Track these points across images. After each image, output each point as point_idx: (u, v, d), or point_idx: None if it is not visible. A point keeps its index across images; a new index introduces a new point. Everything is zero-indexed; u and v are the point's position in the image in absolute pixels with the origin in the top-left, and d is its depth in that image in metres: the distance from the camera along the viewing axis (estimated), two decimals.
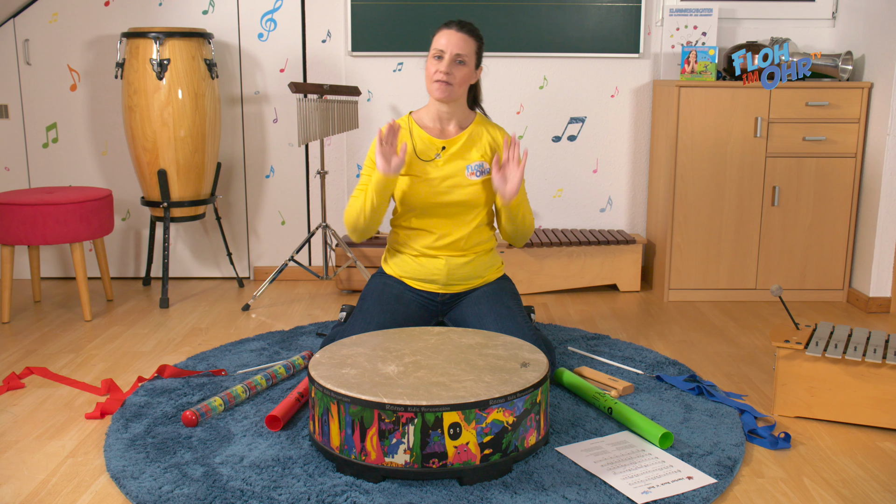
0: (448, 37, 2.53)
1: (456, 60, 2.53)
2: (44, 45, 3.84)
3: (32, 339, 3.14)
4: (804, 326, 2.52)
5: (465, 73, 2.55)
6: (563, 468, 2.04)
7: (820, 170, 3.57)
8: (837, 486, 2.01)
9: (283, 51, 3.86)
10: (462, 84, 2.56)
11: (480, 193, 2.62)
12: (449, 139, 2.63)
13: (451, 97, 2.56)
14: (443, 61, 2.52)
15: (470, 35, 2.56)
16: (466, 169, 2.61)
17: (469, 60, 2.55)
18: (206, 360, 2.85)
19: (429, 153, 2.62)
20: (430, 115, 2.66)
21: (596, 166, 4.01)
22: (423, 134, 2.64)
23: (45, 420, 2.38)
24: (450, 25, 2.56)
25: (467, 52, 2.54)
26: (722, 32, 3.84)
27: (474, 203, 2.62)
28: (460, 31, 2.54)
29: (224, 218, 4.02)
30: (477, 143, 2.64)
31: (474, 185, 2.61)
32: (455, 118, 2.65)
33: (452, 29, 2.54)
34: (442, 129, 2.65)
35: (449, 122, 2.65)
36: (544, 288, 3.79)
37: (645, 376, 2.69)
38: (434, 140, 2.63)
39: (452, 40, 2.52)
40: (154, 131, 3.50)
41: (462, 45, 2.53)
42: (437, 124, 2.65)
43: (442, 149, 2.62)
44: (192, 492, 1.92)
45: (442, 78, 2.52)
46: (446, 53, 2.52)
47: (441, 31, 2.56)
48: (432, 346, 2.29)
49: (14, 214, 3.24)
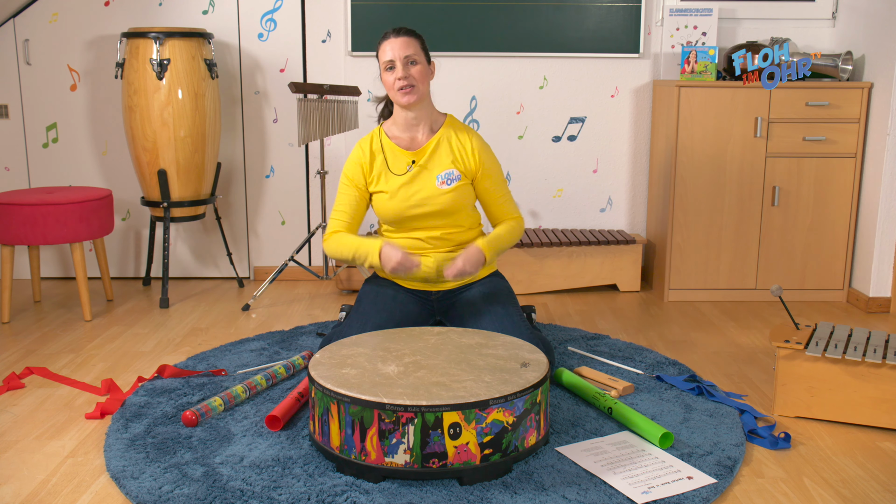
0: (391, 45, 2.54)
1: (407, 62, 2.54)
2: (44, 45, 3.84)
3: (32, 339, 3.14)
4: (804, 326, 2.52)
5: (421, 71, 2.56)
6: (563, 468, 2.04)
7: (820, 170, 3.57)
8: (837, 486, 2.01)
9: (283, 51, 3.86)
10: (422, 81, 2.57)
11: (454, 200, 2.61)
12: (418, 150, 2.63)
13: (419, 98, 2.56)
14: (396, 69, 2.53)
15: (409, 35, 2.57)
16: (436, 179, 2.60)
17: (419, 58, 2.56)
18: (206, 360, 2.85)
19: (400, 167, 2.62)
20: (399, 125, 2.65)
21: (596, 166, 4.01)
22: (393, 147, 2.64)
23: (45, 420, 2.38)
24: (387, 35, 2.57)
25: (414, 50, 2.55)
26: (722, 32, 3.84)
27: (450, 211, 2.62)
28: (398, 35, 2.55)
29: (224, 218, 4.02)
30: (445, 148, 2.63)
31: (446, 195, 2.60)
32: (424, 122, 2.64)
33: (390, 37, 2.56)
34: (412, 138, 2.65)
35: (418, 128, 2.64)
36: (544, 288, 3.80)
37: (645, 376, 2.69)
38: (404, 153, 2.62)
39: (396, 45, 2.53)
40: (154, 131, 3.50)
41: (407, 47, 2.54)
42: (407, 133, 2.65)
43: (412, 162, 2.62)
44: (192, 492, 1.92)
45: (403, 84, 2.53)
46: (396, 60, 2.53)
47: (382, 43, 2.57)
48: (432, 346, 2.29)
49: (14, 214, 3.24)
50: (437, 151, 2.63)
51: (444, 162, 2.62)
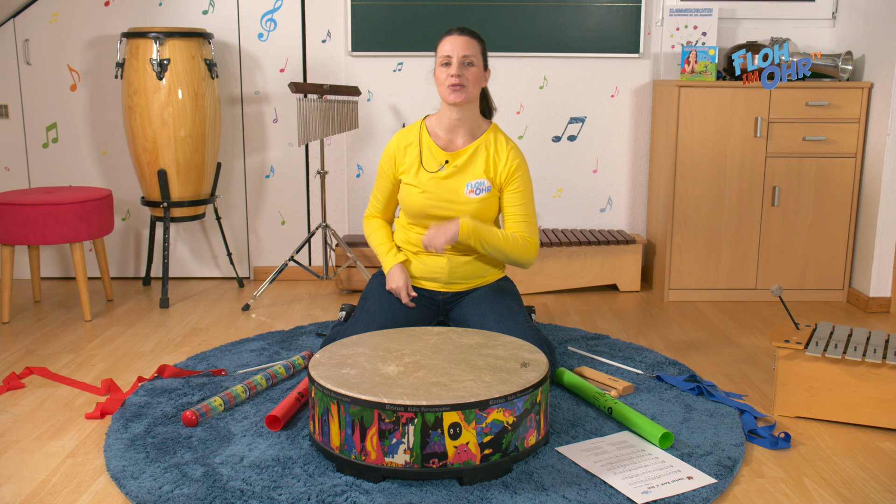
0: (452, 42, 2.54)
1: (464, 62, 2.53)
2: (44, 45, 3.84)
3: (32, 339, 3.14)
4: (804, 326, 2.52)
5: (476, 74, 2.56)
6: (563, 468, 2.04)
7: (820, 170, 3.57)
8: (837, 486, 2.01)
9: (283, 51, 3.86)
10: (475, 84, 2.56)
11: (478, 211, 2.60)
12: (454, 152, 2.62)
13: (466, 99, 2.55)
14: (451, 66, 2.52)
15: (472, 37, 2.57)
16: (466, 186, 2.60)
17: (477, 61, 2.56)
18: (206, 360, 2.85)
19: (433, 164, 2.61)
20: (442, 124, 2.65)
21: (596, 166, 4.01)
22: (430, 143, 2.63)
23: (45, 420, 2.38)
24: (451, 32, 2.57)
25: (473, 52, 2.54)
26: (722, 32, 3.84)
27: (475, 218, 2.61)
28: (462, 34, 2.55)
29: (224, 218, 4.02)
30: (482, 156, 2.62)
31: (472, 204, 2.59)
32: (466, 126, 2.63)
33: (454, 34, 2.55)
34: (451, 140, 2.64)
35: (459, 132, 2.63)
36: (544, 288, 3.80)
37: (645, 376, 2.69)
38: (440, 151, 2.62)
39: (457, 44, 2.53)
40: (154, 131, 3.50)
41: (467, 47, 2.53)
42: (447, 134, 2.64)
43: (445, 162, 2.61)
44: (192, 492, 1.92)
45: (454, 81, 2.51)
46: (454, 57, 2.52)
47: (443, 38, 2.57)
48: (432, 346, 2.29)
49: (14, 214, 3.25)
50: (473, 157, 2.61)
51: (477, 170, 2.61)
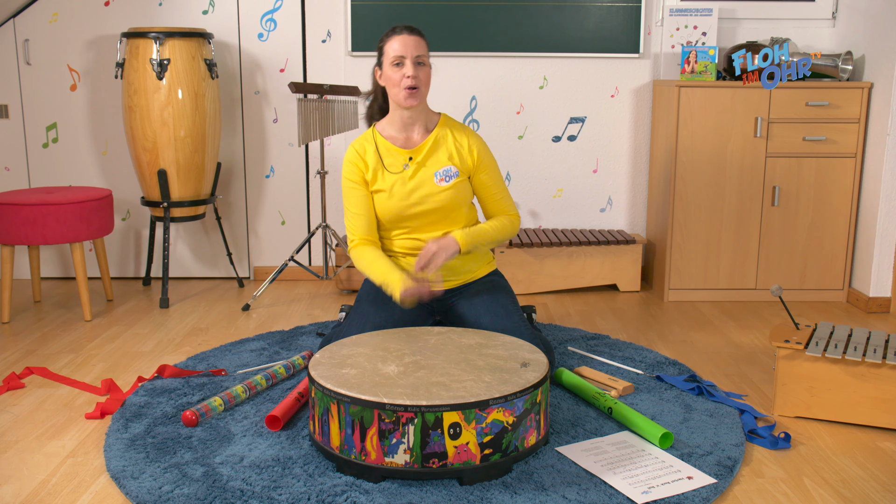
0: (403, 41, 2.51)
1: (417, 62, 2.52)
2: (44, 45, 3.84)
3: (32, 339, 3.14)
4: (804, 326, 2.52)
5: (427, 73, 2.55)
6: (563, 468, 2.04)
7: (820, 170, 3.57)
8: (837, 486, 2.01)
9: (283, 51, 3.86)
10: (427, 84, 2.56)
11: (453, 197, 2.60)
12: (415, 148, 2.61)
13: (420, 101, 2.55)
14: (405, 66, 2.50)
15: (421, 36, 2.55)
16: (435, 176, 2.59)
17: (427, 60, 2.55)
18: (206, 360, 2.85)
19: (396, 165, 2.60)
20: (395, 125, 2.63)
21: (596, 166, 4.01)
22: (388, 146, 2.62)
23: (45, 420, 2.38)
24: (400, 31, 2.54)
25: (424, 51, 2.54)
26: (722, 32, 3.84)
27: (450, 208, 2.61)
28: (412, 34, 2.53)
29: (224, 218, 4.02)
30: (443, 147, 2.62)
31: (445, 191, 2.59)
32: (419, 122, 2.62)
33: (404, 33, 2.53)
34: (407, 138, 2.63)
35: (413, 128, 2.63)
36: (544, 288, 3.79)
37: (645, 376, 2.69)
38: (400, 151, 2.61)
39: (409, 43, 2.51)
40: (154, 131, 3.50)
41: (418, 47, 2.52)
42: (402, 133, 2.63)
43: (409, 159, 2.60)
44: (192, 492, 1.92)
45: (410, 83, 2.50)
46: (407, 58, 2.50)
47: (392, 37, 2.53)
48: (432, 346, 2.29)
49: (14, 214, 3.24)
50: (434, 149, 2.62)
51: (441, 159, 2.61)
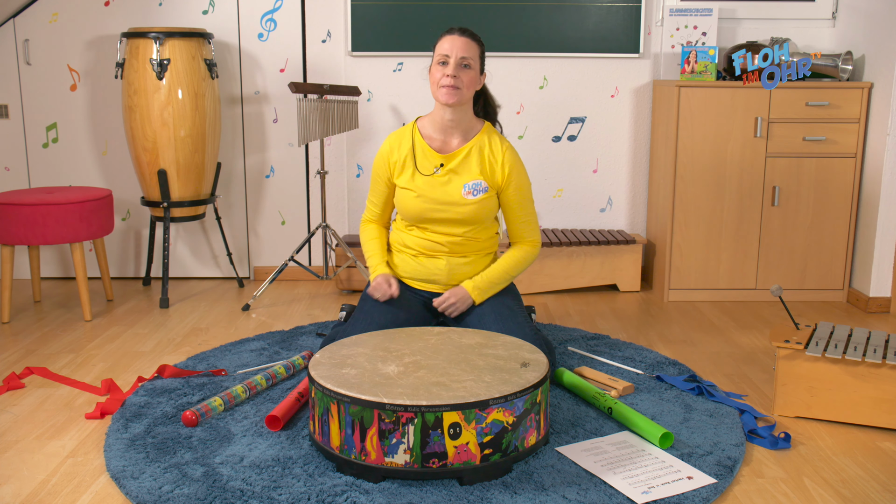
0: (451, 41, 2.52)
1: (461, 64, 2.51)
2: (44, 45, 3.84)
3: (32, 339, 3.14)
4: (804, 326, 2.52)
5: (472, 77, 2.54)
6: (563, 468, 2.04)
7: (820, 170, 3.57)
8: (837, 486, 2.01)
9: (283, 51, 3.86)
10: (469, 87, 2.54)
11: (477, 213, 2.60)
12: (448, 154, 2.60)
13: (459, 101, 2.53)
14: (448, 66, 2.50)
15: (472, 39, 2.55)
16: (463, 188, 2.58)
17: (474, 64, 2.54)
18: (206, 360, 2.85)
19: (428, 167, 2.60)
20: (435, 125, 2.62)
21: (596, 166, 4.01)
22: (424, 146, 2.61)
23: (45, 420, 2.38)
24: (451, 31, 2.55)
25: (472, 55, 2.53)
26: (722, 32, 3.84)
27: (471, 221, 2.61)
28: (462, 35, 2.54)
29: (224, 218, 4.02)
30: (477, 157, 2.61)
31: (470, 206, 2.58)
32: (460, 127, 2.61)
33: (455, 34, 2.54)
34: (444, 141, 2.62)
35: (453, 133, 2.61)
36: (544, 288, 3.80)
37: (645, 376, 2.69)
38: (434, 154, 2.60)
39: (456, 44, 2.51)
40: (154, 131, 3.50)
41: (466, 49, 2.51)
42: (441, 135, 2.62)
43: (440, 165, 2.60)
44: (192, 492, 1.92)
45: (449, 83, 2.49)
46: (451, 57, 2.50)
47: (443, 37, 2.55)
48: (432, 346, 2.29)
49: (14, 214, 3.24)
50: (467, 159, 2.60)
51: (473, 171, 2.59)
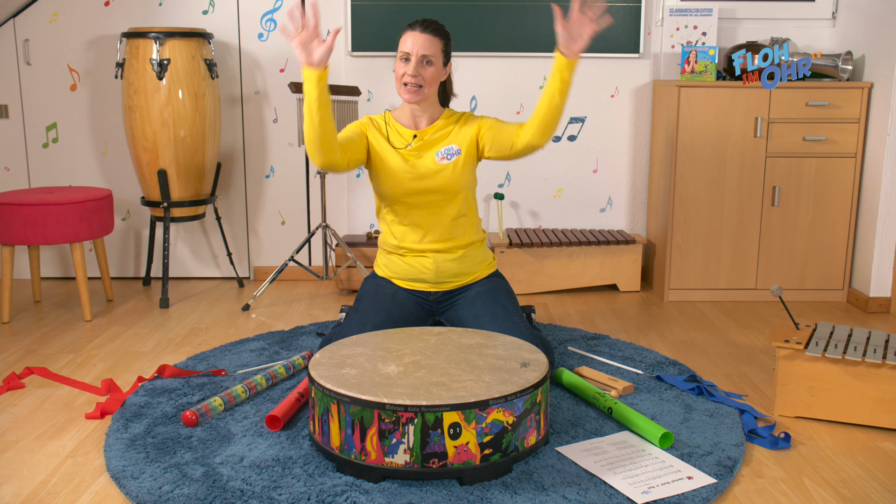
0: (413, 38, 2.52)
1: (423, 62, 2.52)
2: (44, 45, 3.84)
3: (32, 339, 3.14)
4: (804, 326, 2.52)
5: (433, 73, 2.55)
6: (563, 468, 2.04)
7: (820, 170, 3.57)
8: (837, 486, 2.01)
9: (283, 51, 3.86)
10: (431, 84, 2.56)
11: (453, 176, 2.61)
12: (421, 130, 2.65)
13: (421, 99, 2.56)
14: (410, 64, 2.52)
15: (434, 34, 2.54)
16: (436, 155, 2.62)
17: (436, 60, 2.55)
18: (206, 360, 2.85)
19: (400, 142, 2.64)
20: (405, 113, 2.67)
21: (596, 166, 4.01)
22: (396, 125, 2.67)
23: (45, 420, 2.38)
24: (414, 27, 2.54)
25: (433, 51, 2.53)
26: (722, 32, 3.84)
27: (449, 188, 2.62)
28: (424, 31, 2.53)
29: (224, 218, 4.02)
30: (447, 129, 2.65)
31: (445, 170, 2.60)
32: (427, 114, 2.66)
33: (416, 30, 2.53)
34: (415, 125, 2.67)
35: (421, 119, 2.66)
36: (544, 288, 3.79)
37: (645, 376, 2.69)
38: (407, 130, 2.65)
39: (418, 42, 2.51)
40: (154, 131, 3.50)
41: (427, 46, 2.52)
42: (411, 121, 2.67)
43: (413, 137, 2.63)
44: (192, 492, 1.92)
45: (410, 81, 2.52)
46: (412, 55, 2.51)
47: (406, 33, 2.55)
48: (432, 346, 2.29)
49: (14, 214, 3.24)
50: (438, 131, 2.64)
51: (445, 141, 2.64)
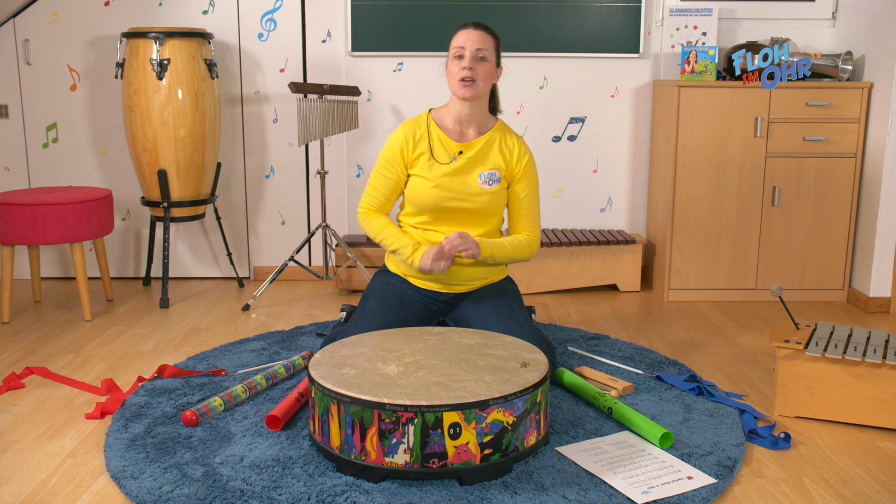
0: (467, 35, 2.52)
1: (477, 56, 2.51)
2: (44, 45, 3.84)
3: (32, 339, 3.14)
4: (804, 326, 2.52)
5: (488, 70, 2.54)
6: (563, 468, 2.04)
7: (820, 170, 3.57)
8: (837, 486, 2.01)
9: (283, 51, 3.86)
10: (486, 80, 2.54)
11: (491, 203, 2.59)
12: (466, 143, 2.60)
13: (476, 95, 2.53)
14: (464, 59, 2.50)
15: (487, 32, 2.55)
16: (479, 177, 2.58)
17: (490, 56, 2.54)
18: (206, 360, 2.85)
19: (444, 156, 2.59)
20: (451, 117, 2.62)
21: (596, 166, 4.01)
22: (440, 135, 2.60)
23: (45, 420, 2.38)
24: (466, 25, 2.55)
25: (487, 47, 2.53)
26: (722, 32, 3.84)
27: (484, 212, 2.60)
28: (477, 28, 2.54)
29: (224, 218, 4.02)
30: (494, 149, 2.61)
31: (485, 195, 2.58)
32: (475, 121, 2.61)
33: (470, 28, 2.54)
34: (461, 133, 2.62)
35: (469, 125, 2.61)
36: (544, 288, 3.79)
37: (645, 376, 2.69)
38: (451, 143, 2.59)
39: (471, 37, 2.51)
40: (154, 131, 3.50)
41: (481, 41, 2.52)
42: (457, 126, 2.62)
43: (459, 153, 2.59)
44: (192, 492, 1.92)
45: (466, 75, 2.49)
46: (467, 50, 2.50)
47: (458, 31, 2.55)
48: (432, 346, 2.29)
49: (14, 214, 3.24)
50: (485, 149, 2.60)
51: (489, 162, 2.60)
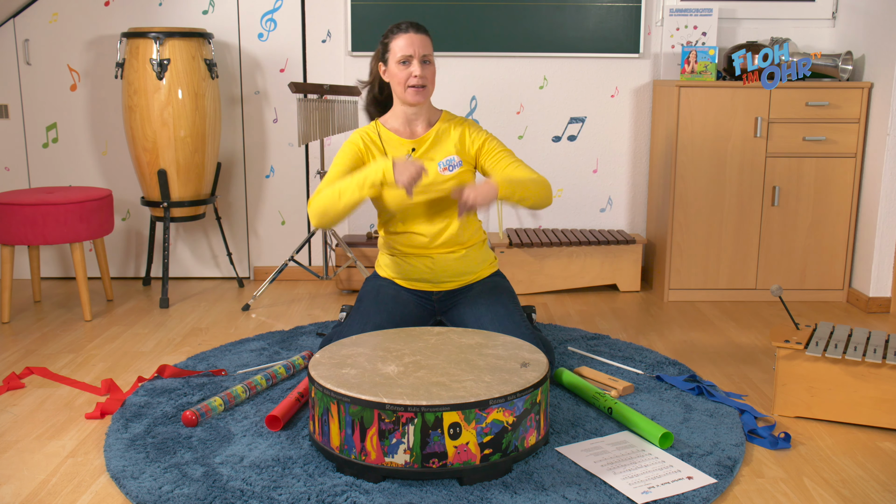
0: (409, 40, 2.51)
1: (423, 61, 2.53)
2: (44, 45, 3.84)
3: (32, 339, 3.14)
4: (804, 326, 2.52)
5: (433, 71, 2.56)
6: (563, 468, 2.04)
7: (820, 170, 3.57)
8: (837, 486, 2.01)
9: (283, 51, 3.86)
10: (433, 82, 2.57)
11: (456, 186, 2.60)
12: (418, 139, 2.63)
13: (426, 98, 2.57)
14: (413, 65, 2.51)
15: (426, 34, 2.56)
16: (438, 166, 2.60)
17: (432, 58, 2.56)
18: (206, 360, 2.85)
19: (399, 155, 2.61)
20: (399, 119, 2.64)
21: (596, 166, 4.01)
22: (391, 136, 2.62)
23: (45, 420, 2.38)
24: (406, 29, 2.54)
25: (430, 50, 2.55)
26: (722, 32, 3.84)
27: (452, 199, 2.60)
28: (418, 32, 2.54)
29: (224, 218, 4.02)
30: (446, 138, 2.63)
31: (451, 180, 2.59)
32: (422, 117, 2.64)
33: (411, 32, 2.53)
34: (411, 132, 2.64)
35: (417, 123, 2.64)
36: (544, 288, 3.80)
37: (645, 376, 2.69)
38: (403, 141, 2.62)
39: (416, 42, 2.52)
40: (154, 131, 3.50)
41: (425, 45, 2.53)
42: (406, 127, 2.64)
43: (412, 150, 2.61)
44: (192, 492, 1.92)
45: (417, 82, 2.51)
46: (414, 57, 2.51)
47: (398, 35, 2.53)
48: (432, 346, 2.29)
49: (14, 214, 3.25)
50: (437, 140, 2.63)
51: (444, 150, 2.62)
